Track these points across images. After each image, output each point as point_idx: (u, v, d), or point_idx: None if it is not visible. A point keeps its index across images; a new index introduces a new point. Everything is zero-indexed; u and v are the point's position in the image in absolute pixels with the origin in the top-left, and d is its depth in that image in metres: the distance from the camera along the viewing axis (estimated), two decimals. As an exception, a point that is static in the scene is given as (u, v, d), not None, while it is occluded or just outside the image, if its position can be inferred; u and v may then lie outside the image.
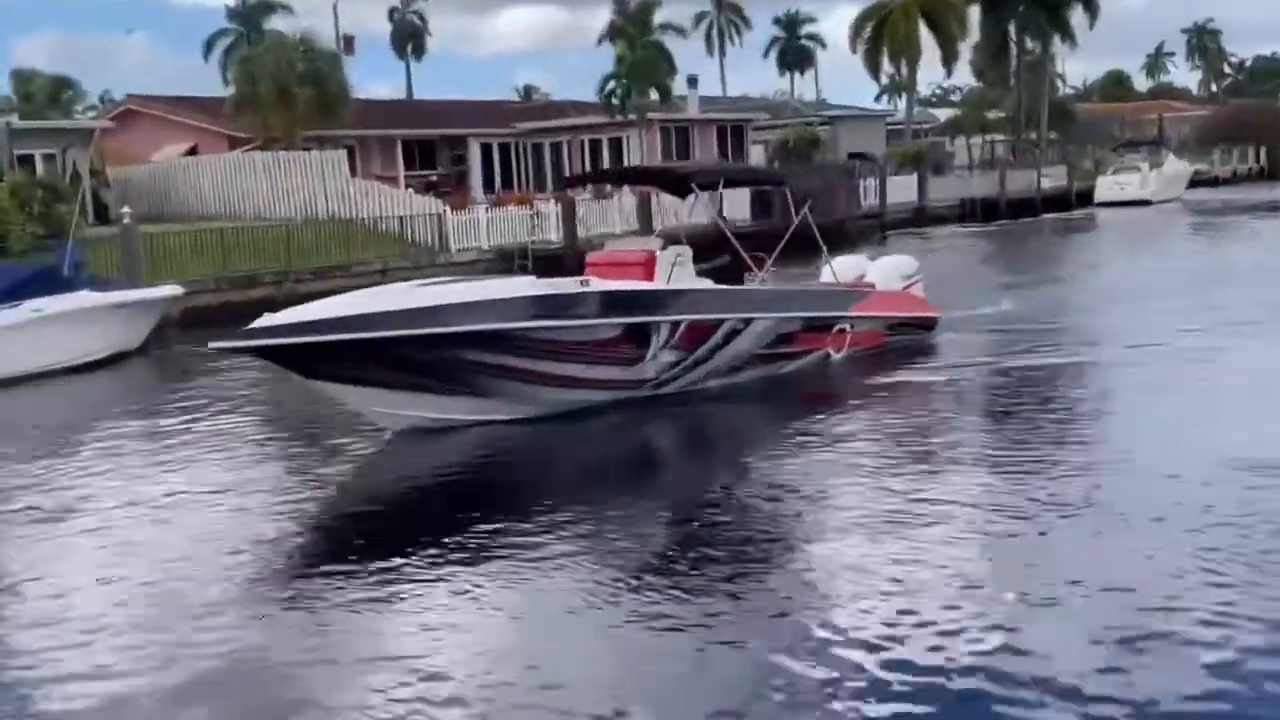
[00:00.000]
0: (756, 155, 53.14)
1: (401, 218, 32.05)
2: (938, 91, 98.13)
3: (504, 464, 11.31)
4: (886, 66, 61.91)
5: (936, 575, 7.05)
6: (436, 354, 11.09)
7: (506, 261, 31.33)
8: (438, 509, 9.89)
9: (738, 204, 38.30)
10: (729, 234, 15.18)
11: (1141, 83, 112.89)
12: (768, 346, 13.99)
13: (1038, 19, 62.58)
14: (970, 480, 9.54)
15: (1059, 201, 52.55)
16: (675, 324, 12.64)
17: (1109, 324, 18.66)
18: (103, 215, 33.75)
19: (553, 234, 32.17)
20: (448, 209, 32.23)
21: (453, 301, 11.22)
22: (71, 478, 10.96)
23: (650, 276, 12.98)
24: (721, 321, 13.20)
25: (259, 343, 10.74)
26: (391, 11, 77.91)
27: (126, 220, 24.17)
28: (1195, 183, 59.55)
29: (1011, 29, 63.82)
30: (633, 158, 44.65)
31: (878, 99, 79.64)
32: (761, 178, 29.18)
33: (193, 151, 41.87)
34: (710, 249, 15.26)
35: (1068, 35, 64.61)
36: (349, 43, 49.65)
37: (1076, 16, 63.38)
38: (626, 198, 35.68)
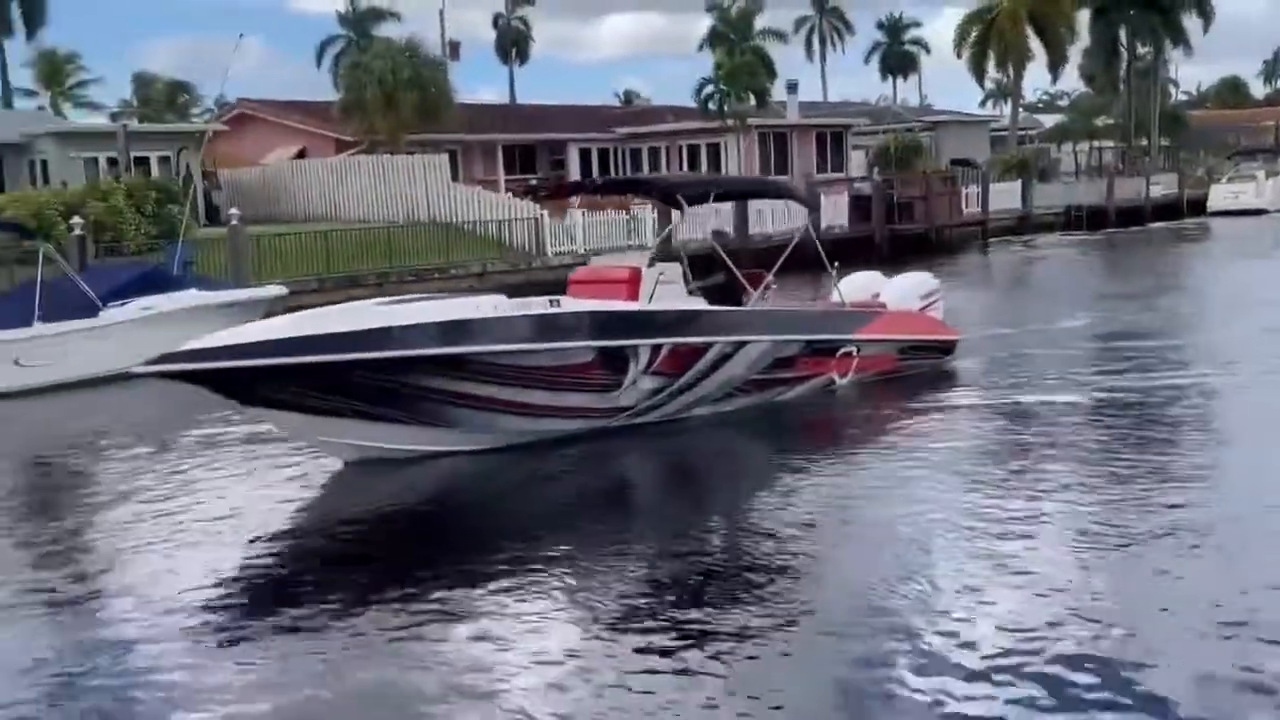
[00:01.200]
0: (857, 161, 52.73)
1: (500, 221, 32.45)
2: (1044, 97, 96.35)
3: (456, 505, 10.49)
4: (992, 71, 60.77)
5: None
6: (388, 379, 10.24)
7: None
8: (378, 553, 9.00)
9: (836, 211, 38.32)
10: (719, 250, 14.02)
11: (1259, 89, 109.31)
12: (763, 372, 12.90)
13: (1150, 23, 61.04)
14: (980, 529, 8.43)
15: (1169, 210, 51.11)
16: (656, 348, 11.60)
17: (1188, 343, 17.51)
18: (213, 216, 34.68)
19: (649, 238, 32.28)
20: (545, 213, 32.54)
21: (407, 323, 10.34)
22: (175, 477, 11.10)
23: (634, 296, 11.80)
24: (710, 345, 12.11)
25: (186, 367, 9.72)
26: (496, 18, 78.64)
27: (234, 222, 24.80)
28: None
29: (1122, 34, 62.36)
30: (730, 163, 44.67)
31: (982, 104, 78.27)
32: (768, 190, 27.53)
33: (301, 154, 42.81)
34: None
35: (1181, 40, 63.00)
36: (454, 48, 50.32)
37: (1190, 21, 61.78)
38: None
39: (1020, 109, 68.05)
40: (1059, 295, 27.17)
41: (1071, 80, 73.54)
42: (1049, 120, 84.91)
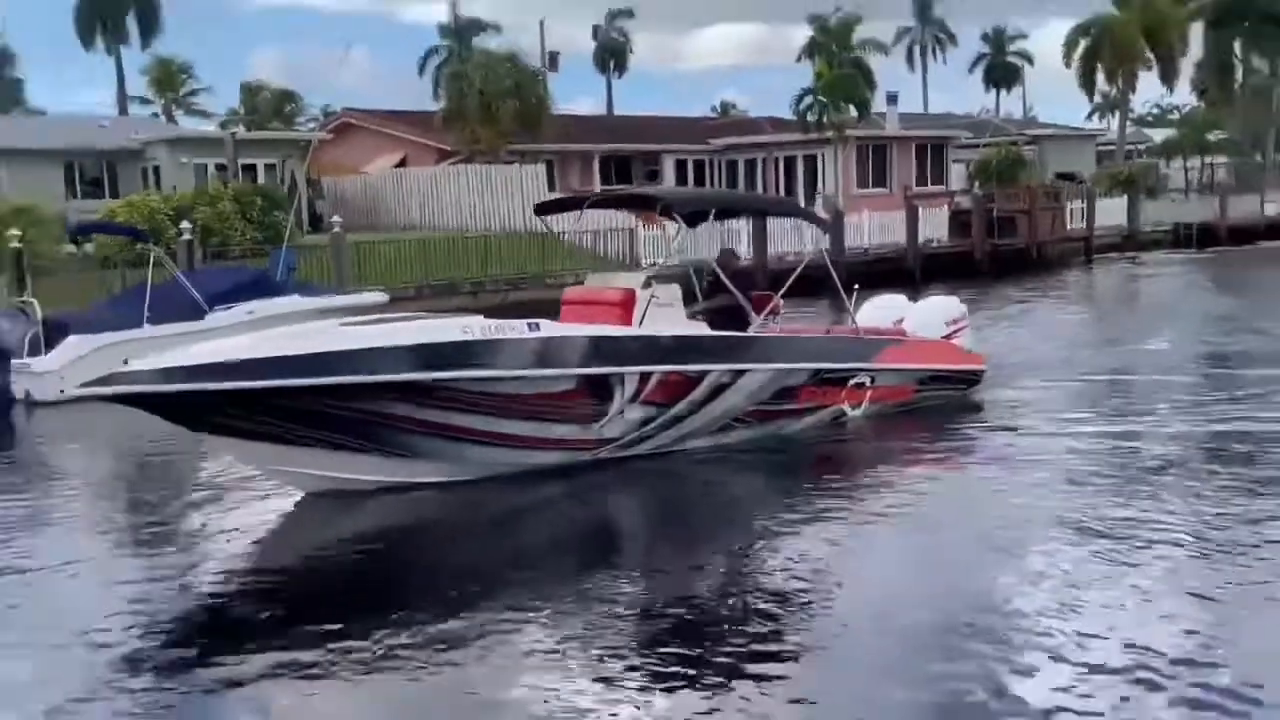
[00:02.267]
0: (957, 174, 52.11)
1: (594, 232, 32.65)
2: (1154, 110, 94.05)
3: (418, 542, 9.71)
4: (1101, 84, 59.68)
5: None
6: (350, 406, 9.51)
7: (696, 276, 31.55)
8: (336, 592, 8.31)
9: (936, 225, 37.97)
10: (719, 271, 12.75)
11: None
12: (765, 402, 11.89)
13: (1267, 36, 59.33)
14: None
15: (1282, 229, 49.74)
16: (645, 375, 10.74)
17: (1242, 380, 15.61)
18: (316, 223, 35.39)
19: (744, 249, 32.25)
20: (639, 224, 32.66)
21: (371, 346, 9.58)
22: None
23: (627, 319, 10.96)
24: (705, 373, 11.20)
25: (126, 389, 9.11)
26: (595, 29, 79.20)
27: (336, 229, 25.33)
28: None
29: (1237, 46, 60.71)
30: (828, 175, 44.41)
31: (1089, 117, 77.11)
32: (776, 208, 25.96)
33: (403, 163, 43.39)
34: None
35: (1300, 54, 61.26)
36: (553, 59, 50.76)
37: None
38: (884, 213, 35.64)
39: (1129, 122, 66.76)
40: (1144, 315, 26.59)
41: (1184, 93, 71.77)
42: (1159, 135, 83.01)
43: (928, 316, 14.40)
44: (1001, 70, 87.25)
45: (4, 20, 76.04)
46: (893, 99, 51.41)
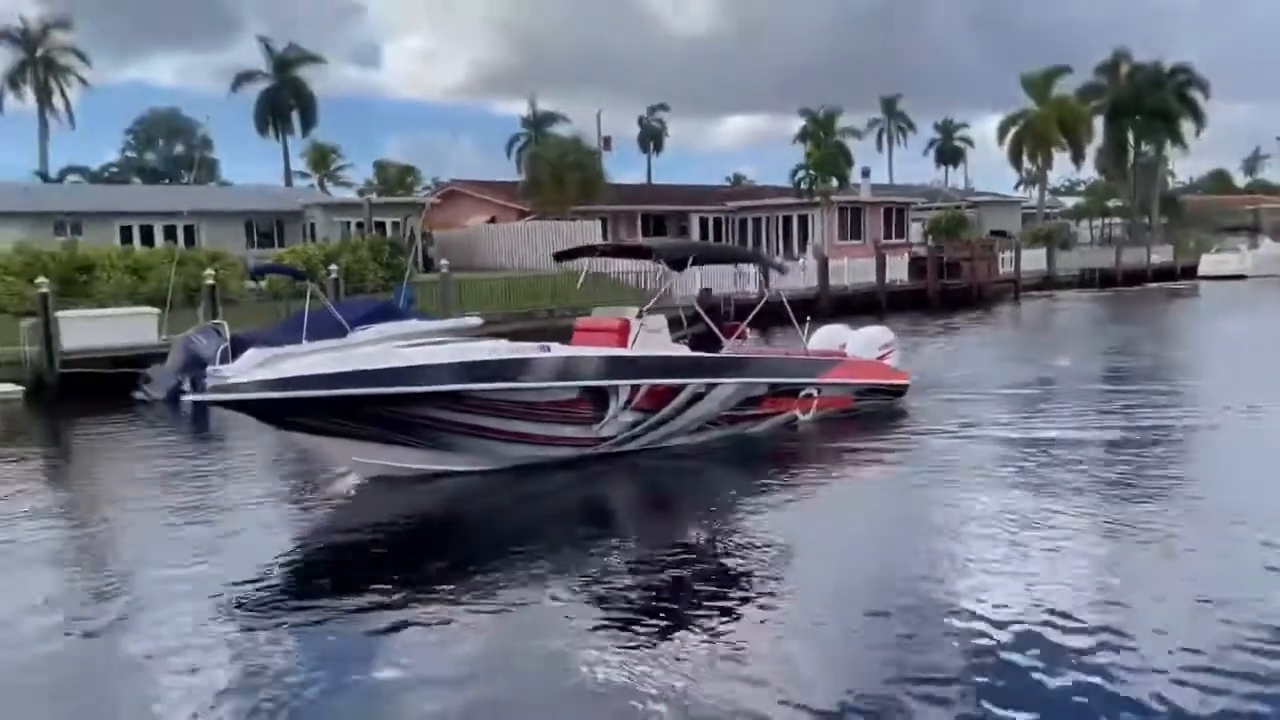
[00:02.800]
0: (915, 231, 52.04)
1: (639, 272, 32.88)
2: (1065, 183, 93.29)
3: (455, 517, 9.51)
4: (1025, 163, 59.57)
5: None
6: (397, 410, 9.38)
7: (713, 305, 31.75)
8: (388, 557, 8.07)
9: (898, 269, 37.95)
10: (698, 308, 12.78)
11: (1240, 180, 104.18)
12: (733, 409, 11.71)
13: (1153, 127, 58.97)
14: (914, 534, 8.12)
15: (1166, 274, 49.09)
16: (635, 387, 10.58)
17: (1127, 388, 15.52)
18: (428, 266, 35.74)
19: (751, 288, 32.38)
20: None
21: (414, 364, 9.42)
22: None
23: (624, 342, 10.85)
24: (684, 386, 11.02)
25: (229, 397, 9.24)
26: (640, 119, 79.85)
27: (444, 270, 25.67)
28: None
29: (1130, 135, 60.30)
30: (816, 231, 44.50)
31: (1016, 187, 76.25)
32: (741, 256, 24.48)
33: (492, 220, 43.74)
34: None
35: (1178, 141, 60.62)
36: (607, 142, 51.09)
37: (1186, 124, 59.46)
38: (859, 260, 35.73)
39: (1046, 192, 66.30)
40: (1059, 338, 26.52)
41: (1089, 170, 71.32)
42: (1069, 201, 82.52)
43: (865, 342, 14.26)
44: (949, 151, 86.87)
45: (209, 118, 77.32)
46: (865, 173, 51.27)
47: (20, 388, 17.75)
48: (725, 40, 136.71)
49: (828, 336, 14.36)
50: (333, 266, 24.68)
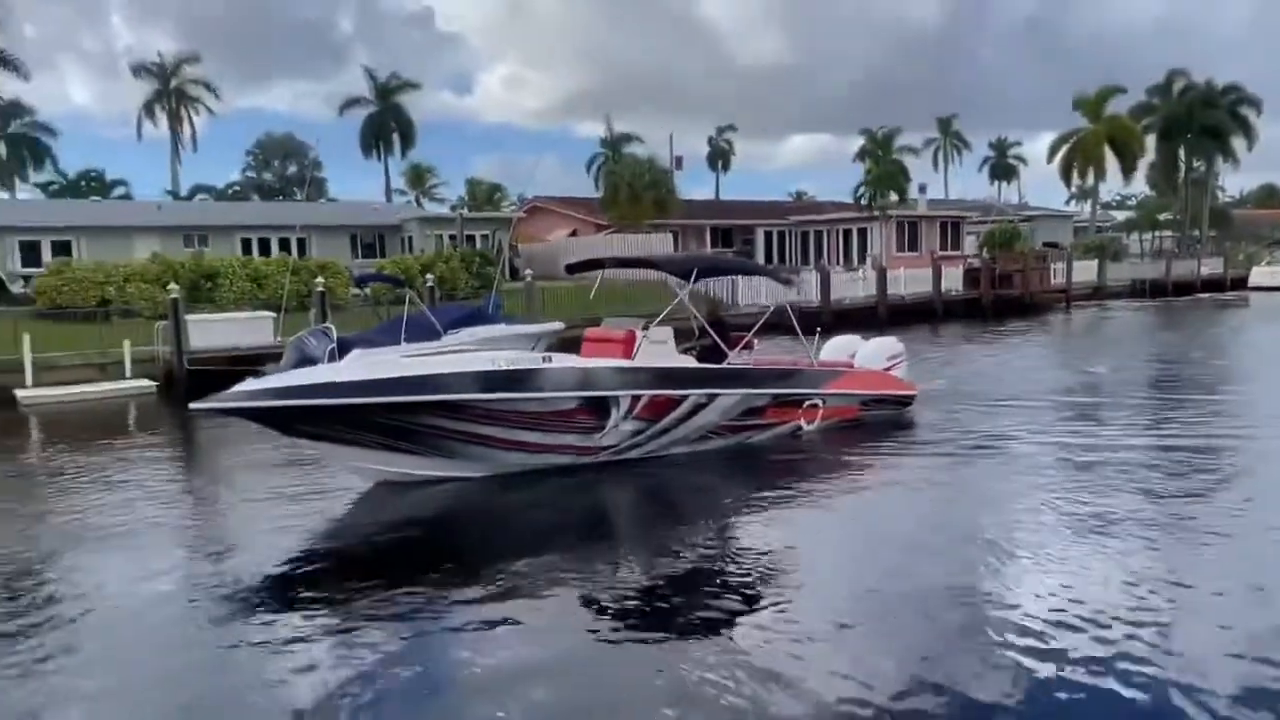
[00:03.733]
0: (970, 244, 50.78)
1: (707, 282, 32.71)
2: (1116, 197, 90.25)
3: (454, 521, 8.84)
4: (1076, 179, 57.67)
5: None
6: (399, 419, 8.85)
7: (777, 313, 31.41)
8: (390, 556, 7.77)
9: (953, 278, 37.07)
10: (699, 318, 11.91)
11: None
12: (736, 419, 10.98)
13: (1204, 144, 56.44)
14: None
15: (1215, 285, 46.87)
16: (636, 398, 9.95)
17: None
18: (514, 275, 36.03)
19: (814, 296, 32.02)
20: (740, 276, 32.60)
21: (415, 374, 8.95)
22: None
23: (629, 354, 10.19)
24: (685, 397, 10.35)
25: (234, 405, 8.67)
26: (709, 139, 79.48)
27: (528, 279, 25.89)
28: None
29: (1181, 151, 57.81)
30: (875, 243, 43.72)
31: (1067, 202, 74.05)
32: (748, 269, 22.47)
33: (573, 234, 43.92)
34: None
35: (1229, 156, 57.97)
36: (678, 161, 50.87)
37: (1237, 140, 56.75)
38: (915, 270, 35.06)
39: (1098, 207, 64.15)
40: (1102, 345, 25.28)
41: (1139, 184, 68.79)
42: (1120, 215, 79.63)
43: (874, 352, 13.44)
44: (1002, 168, 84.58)
45: (318, 141, 79.58)
46: (922, 189, 50.21)
47: (154, 383, 18.39)
48: (790, 65, 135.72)
49: (839, 347, 13.65)
50: (428, 275, 25.07)
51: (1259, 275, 47.34)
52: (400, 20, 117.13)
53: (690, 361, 10.91)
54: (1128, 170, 55.58)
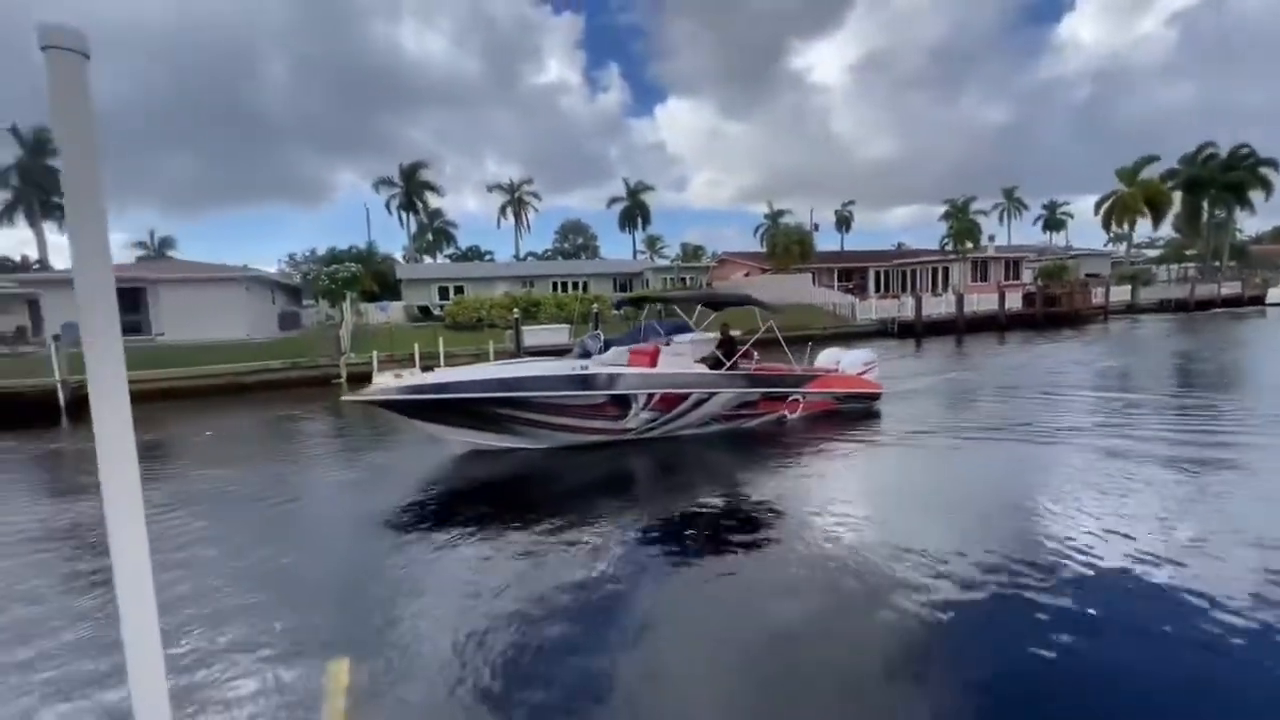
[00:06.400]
0: (1027, 276, 44.54)
1: (835, 304, 30.91)
2: (1146, 239, 75.81)
3: (526, 476, 7.80)
4: (1115, 228, 49.00)
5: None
6: (482, 409, 8.21)
7: (882, 324, 29.10)
8: (482, 501, 6.92)
9: (1014, 300, 32.63)
10: (697, 336, 10.41)
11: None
12: (732, 410, 9.74)
13: (1225, 198, 46.04)
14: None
15: (1234, 301, 38.12)
16: (650, 394, 8.98)
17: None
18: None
19: (910, 313, 29.40)
20: (856, 300, 30.59)
21: (489, 376, 8.21)
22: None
23: (654, 363, 9.23)
24: (689, 394, 9.29)
25: (379, 398, 7.92)
26: (836, 211, 74.85)
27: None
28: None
29: (1205, 203, 47.63)
30: (954, 277, 39.41)
31: (1105, 244, 63.01)
32: (740, 300, 20.23)
33: (746, 274, 42.66)
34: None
35: (1247, 206, 47.04)
36: (816, 226, 48.58)
37: (1255, 193, 45.96)
38: (950, 296, 31.64)
39: (1131, 247, 54.16)
40: (1120, 345, 20.51)
41: (1166, 229, 57.30)
42: (1152, 252, 66.69)
43: (853, 360, 11.72)
44: (1053, 222, 73.32)
45: (590, 227, 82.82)
46: (991, 238, 44.52)
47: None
48: (894, 158, 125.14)
49: (829, 356, 12.07)
50: (659, 303, 25.16)
51: (1276, 294, 38.04)
52: (644, 148, 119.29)
53: (701, 368, 9.74)
54: (1157, 220, 46.51)
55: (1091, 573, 4.46)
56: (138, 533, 1.69)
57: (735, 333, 11.29)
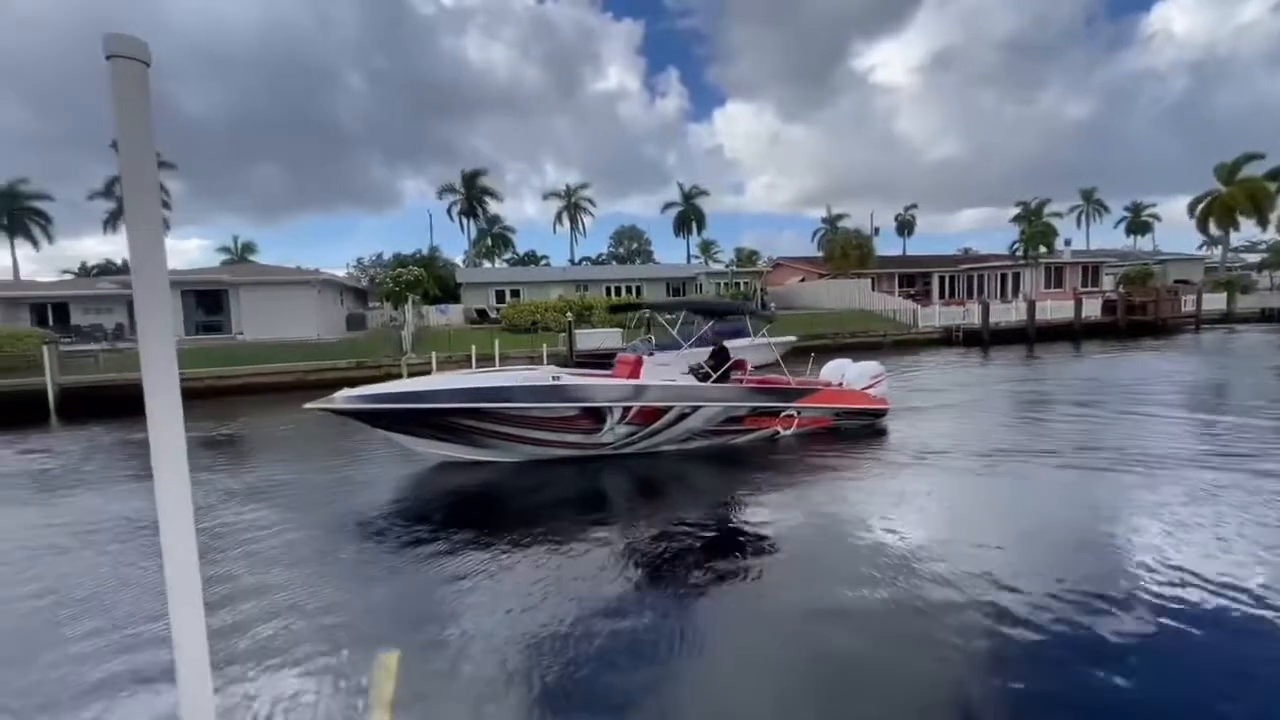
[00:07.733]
0: (1108, 283, 41.66)
1: (895, 310, 29.82)
2: (1247, 242, 69.59)
3: (493, 490, 7.34)
4: (1213, 229, 45.14)
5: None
6: (445, 419, 7.72)
7: (945, 332, 27.81)
8: (444, 511, 6.62)
9: (1092, 307, 30.57)
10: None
11: None
12: (719, 425, 8.84)
13: (1334, 196, 41.76)
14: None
15: (1347, 310, 34.66)
16: (627, 407, 8.25)
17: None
18: (764, 307, 35.25)
19: (975, 320, 27.99)
20: (918, 306, 29.39)
21: (452, 386, 7.71)
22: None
23: (636, 374, 8.60)
24: (670, 407, 8.47)
25: (339, 407, 7.52)
26: (897, 215, 72.33)
27: (774, 309, 24.97)
28: None
29: (1312, 202, 43.26)
30: (1025, 284, 37.33)
31: (1199, 248, 58.28)
32: (731, 309, 18.56)
33: (802, 280, 41.92)
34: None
35: (1359, 205, 42.37)
36: (876, 230, 46.95)
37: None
38: (1020, 303, 29.97)
39: (1229, 251, 49.78)
40: (1209, 356, 18.57)
41: (1271, 233, 52.30)
42: (1252, 257, 61.14)
43: (859, 373, 10.58)
44: (1137, 225, 68.43)
45: (648, 229, 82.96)
46: (1068, 243, 41.75)
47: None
48: (960, 159, 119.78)
49: (833, 368, 11.01)
50: (710, 307, 24.99)
51: None
52: (702, 153, 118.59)
53: (688, 380, 8.88)
54: (1263, 221, 42.56)
55: (1173, 623, 4.02)
56: (186, 529, 1.69)
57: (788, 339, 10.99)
